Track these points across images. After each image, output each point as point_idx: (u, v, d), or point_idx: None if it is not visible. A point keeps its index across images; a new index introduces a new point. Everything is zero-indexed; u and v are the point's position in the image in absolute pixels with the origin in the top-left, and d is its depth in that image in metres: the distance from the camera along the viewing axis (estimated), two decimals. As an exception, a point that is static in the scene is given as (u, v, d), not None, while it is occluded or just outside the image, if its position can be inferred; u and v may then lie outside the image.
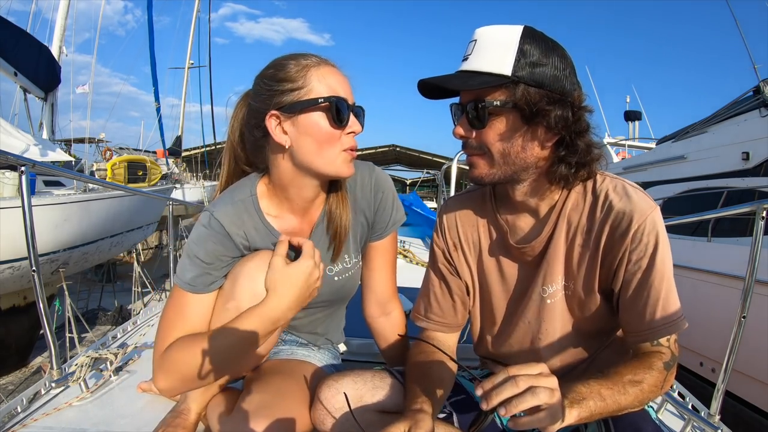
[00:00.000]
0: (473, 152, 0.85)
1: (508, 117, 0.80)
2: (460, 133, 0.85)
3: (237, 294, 0.91)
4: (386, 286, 1.17)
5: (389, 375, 0.98)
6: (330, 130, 0.91)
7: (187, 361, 0.86)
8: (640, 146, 10.04)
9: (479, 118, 0.81)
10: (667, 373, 0.79)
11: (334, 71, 0.94)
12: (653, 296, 0.81)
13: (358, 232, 1.11)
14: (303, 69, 0.91)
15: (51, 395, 1.25)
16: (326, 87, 0.91)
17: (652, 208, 0.82)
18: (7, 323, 5.69)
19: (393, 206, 1.13)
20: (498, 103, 0.79)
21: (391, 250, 1.17)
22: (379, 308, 1.17)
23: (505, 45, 0.78)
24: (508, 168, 0.83)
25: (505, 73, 0.77)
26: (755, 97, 5.17)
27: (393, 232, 1.16)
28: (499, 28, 0.81)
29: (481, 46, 0.80)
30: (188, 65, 17.93)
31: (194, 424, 1.05)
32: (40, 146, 6.17)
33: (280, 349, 1.20)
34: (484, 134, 0.82)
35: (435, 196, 14.87)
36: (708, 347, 4.05)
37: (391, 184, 1.14)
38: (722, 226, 4.38)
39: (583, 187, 0.89)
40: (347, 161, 0.94)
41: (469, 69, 0.81)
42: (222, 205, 0.96)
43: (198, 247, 0.93)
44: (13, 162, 1.27)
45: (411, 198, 6.60)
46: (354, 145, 0.95)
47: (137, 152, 12.86)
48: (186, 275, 0.92)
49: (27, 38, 6.85)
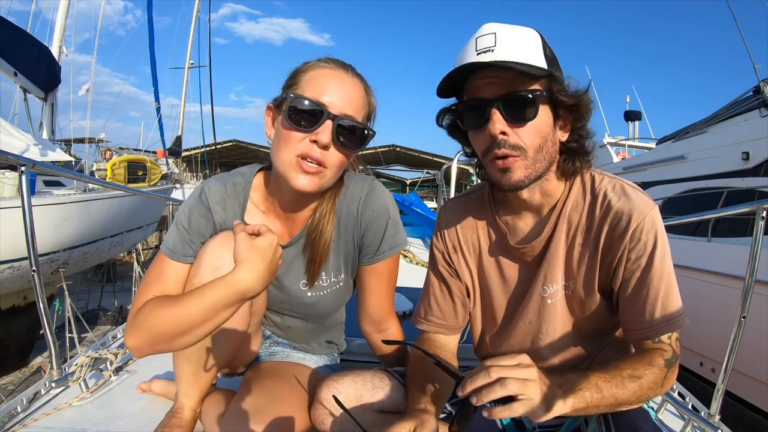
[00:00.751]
0: (507, 153, 0.79)
1: (547, 110, 0.80)
2: (500, 129, 0.78)
3: (200, 270, 0.91)
4: (380, 307, 1.10)
5: (389, 375, 0.99)
6: (286, 129, 0.85)
7: (156, 321, 0.83)
8: (640, 146, 10.05)
9: (527, 110, 0.77)
10: (668, 371, 0.79)
11: (334, 75, 0.88)
12: (652, 294, 0.81)
13: (342, 252, 1.04)
14: (307, 68, 0.89)
15: (51, 395, 1.25)
16: (313, 87, 0.86)
17: (651, 207, 0.82)
18: (7, 323, 5.69)
19: (387, 229, 1.02)
20: (545, 93, 0.78)
21: (387, 274, 1.08)
22: (374, 326, 1.13)
23: (530, 41, 0.78)
24: (540, 165, 0.81)
25: (542, 65, 0.77)
26: (755, 97, 5.17)
27: (391, 257, 1.05)
28: (515, 27, 0.79)
29: (506, 39, 0.77)
30: (188, 65, 17.90)
31: (191, 422, 1.05)
32: (40, 146, 6.17)
33: (275, 351, 1.19)
34: (523, 130, 0.78)
35: (435, 196, 14.86)
36: (708, 347, 4.05)
37: (385, 205, 1.02)
38: (722, 226, 4.38)
39: (582, 186, 0.89)
40: (295, 169, 0.86)
41: (501, 59, 0.75)
42: (215, 182, 0.99)
43: (184, 216, 0.95)
44: (13, 162, 1.27)
45: (411, 198, 6.59)
46: (310, 155, 0.85)
47: (137, 152, 12.84)
48: (169, 241, 0.95)
49: (27, 38, 6.85)
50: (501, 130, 0.78)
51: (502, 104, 0.78)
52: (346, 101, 0.87)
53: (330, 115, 0.85)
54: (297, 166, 0.86)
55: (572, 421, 0.89)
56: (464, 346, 1.19)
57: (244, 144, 27.34)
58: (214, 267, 0.89)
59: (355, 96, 0.90)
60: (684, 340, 3.13)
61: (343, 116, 0.86)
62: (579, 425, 0.86)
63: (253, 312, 1.03)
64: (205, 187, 0.98)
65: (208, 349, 0.98)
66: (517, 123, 0.78)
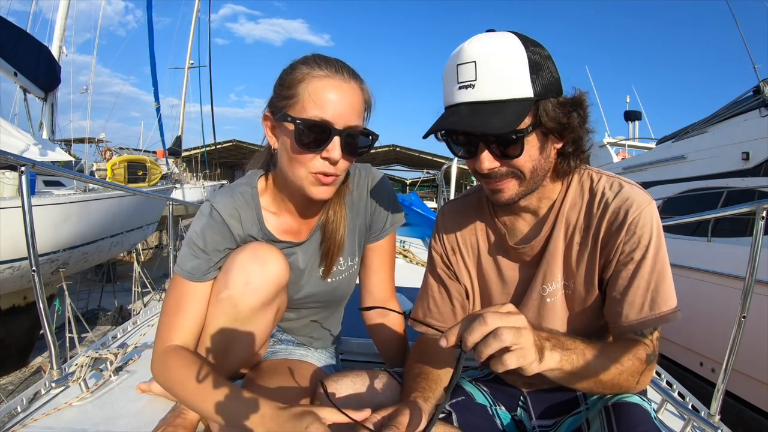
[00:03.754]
0: (502, 179, 0.80)
1: (535, 137, 0.78)
2: (489, 166, 0.78)
3: (230, 284, 0.92)
4: (384, 287, 1.17)
5: (388, 376, 0.99)
6: (297, 149, 0.87)
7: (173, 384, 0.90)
8: (640, 146, 10.05)
9: (512, 148, 0.77)
10: (647, 367, 0.80)
11: (332, 87, 0.87)
12: (642, 287, 0.81)
13: (356, 236, 1.11)
14: (303, 77, 0.88)
15: (51, 395, 1.25)
16: (313, 104, 0.85)
17: (648, 202, 0.82)
18: (7, 323, 5.68)
19: (390, 206, 1.12)
20: (530, 128, 0.76)
21: (389, 252, 1.16)
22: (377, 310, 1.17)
23: (514, 61, 0.73)
24: (534, 182, 0.83)
25: (528, 95, 0.73)
26: (755, 97, 5.18)
27: (391, 233, 1.14)
28: (493, 43, 0.74)
29: (487, 68, 0.73)
30: (188, 65, 17.93)
31: (194, 423, 1.05)
32: (40, 146, 6.16)
33: (277, 349, 1.20)
34: (515, 161, 0.78)
35: (435, 196, 14.87)
36: (708, 347, 4.05)
37: (387, 184, 1.13)
38: (722, 226, 4.38)
39: (580, 186, 0.89)
40: (314, 184, 0.90)
41: (483, 99, 0.74)
42: (222, 197, 0.99)
43: (198, 237, 0.95)
44: (13, 162, 1.27)
45: (411, 198, 6.60)
46: (327, 170, 0.88)
47: (137, 152, 12.86)
48: (186, 264, 0.94)
49: (27, 38, 6.84)
50: (489, 168, 0.79)
51: (490, 143, 0.78)
52: (349, 112, 0.88)
53: (336, 131, 0.87)
54: (315, 181, 0.90)
55: (572, 422, 0.89)
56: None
57: (244, 144, 27.35)
58: (245, 282, 0.91)
59: (356, 102, 0.90)
60: (684, 340, 3.18)
61: (348, 128, 0.88)
62: (580, 425, 0.86)
63: (275, 320, 1.05)
64: (213, 204, 0.97)
65: (224, 357, 0.98)
66: (505, 159, 0.78)
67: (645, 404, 0.82)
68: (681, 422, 1.29)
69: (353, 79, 0.91)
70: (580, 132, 0.81)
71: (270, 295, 0.95)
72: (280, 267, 0.95)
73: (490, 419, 0.95)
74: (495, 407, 0.98)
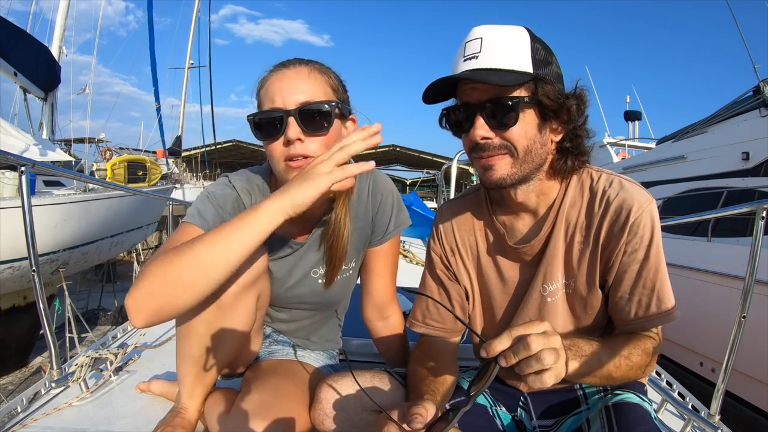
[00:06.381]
0: (495, 152, 0.81)
1: (532, 113, 0.81)
2: (483, 134, 0.80)
3: None
4: (385, 291, 1.15)
5: (389, 376, 0.99)
6: (265, 143, 0.92)
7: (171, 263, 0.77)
8: (640, 146, 10.05)
9: (507, 116, 0.79)
10: (652, 358, 0.84)
11: (276, 77, 0.91)
12: (648, 287, 0.83)
13: (356, 241, 1.09)
14: (261, 85, 0.93)
15: (51, 395, 1.25)
16: (265, 99, 0.91)
17: (649, 201, 0.83)
18: (7, 323, 5.68)
19: (393, 209, 1.09)
20: (527, 99, 0.79)
21: (391, 255, 1.15)
22: (377, 312, 1.16)
23: (518, 44, 0.79)
24: (528, 166, 0.83)
25: (527, 70, 0.78)
26: (755, 97, 5.18)
27: (395, 236, 1.12)
28: (503, 28, 0.81)
29: (492, 44, 0.79)
30: (188, 65, 17.91)
31: (193, 423, 1.05)
32: (40, 146, 6.17)
33: (274, 350, 1.20)
34: (510, 132, 0.80)
35: (435, 196, 14.87)
36: (708, 347, 4.05)
37: (390, 186, 1.11)
38: (722, 226, 4.37)
39: (580, 184, 0.89)
40: (287, 171, 0.90)
41: (485, 67, 0.78)
42: (239, 175, 1.04)
43: (216, 192, 0.98)
44: (13, 162, 1.27)
45: (411, 198, 6.60)
46: (292, 153, 0.88)
47: (137, 152, 12.85)
48: (201, 211, 0.94)
49: (27, 38, 6.85)
50: (482, 136, 0.80)
51: (485, 110, 0.80)
52: (294, 91, 0.89)
53: (284, 111, 0.88)
54: (287, 168, 0.90)
55: (573, 422, 0.89)
56: (464, 346, 1.20)
57: (244, 144, 27.35)
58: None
59: (301, 81, 0.91)
60: (684, 340, 3.17)
61: (298, 106, 0.88)
62: (580, 425, 0.86)
63: (258, 307, 1.04)
64: (230, 178, 1.03)
65: (212, 348, 0.98)
66: (500, 128, 0.80)
67: (645, 404, 0.82)
68: (681, 422, 1.29)
69: (300, 64, 0.93)
70: (578, 120, 0.83)
71: (248, 277, 0.93)
72: None
73: (490, 420, 0.95)
74: (495, 408, 0.98)
